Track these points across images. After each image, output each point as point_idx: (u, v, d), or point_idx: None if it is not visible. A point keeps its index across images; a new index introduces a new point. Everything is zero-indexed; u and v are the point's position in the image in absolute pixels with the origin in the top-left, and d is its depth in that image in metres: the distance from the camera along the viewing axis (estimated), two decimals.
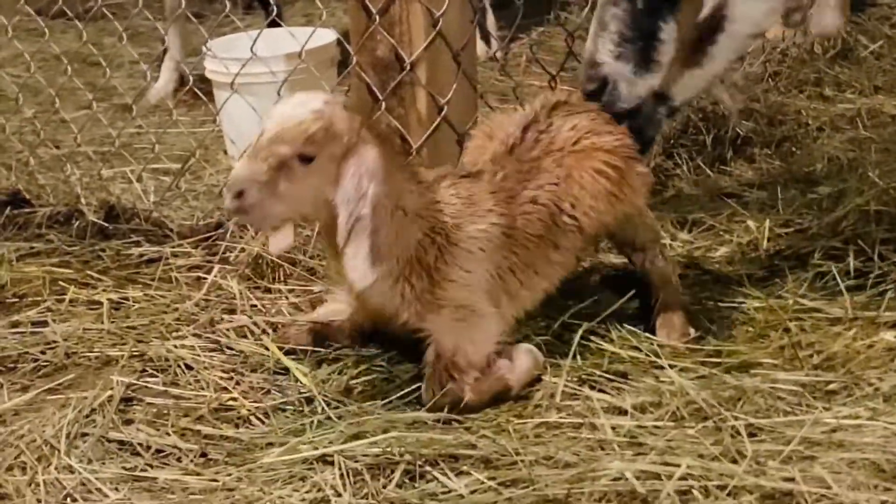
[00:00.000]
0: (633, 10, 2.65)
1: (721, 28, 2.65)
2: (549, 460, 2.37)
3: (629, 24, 2.66)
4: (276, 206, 2.48)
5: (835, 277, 3.05)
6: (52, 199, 3.82)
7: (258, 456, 2.46)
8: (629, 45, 2.66)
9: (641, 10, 2.65)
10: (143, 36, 5.76)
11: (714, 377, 2.67)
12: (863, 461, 2.32)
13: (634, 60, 2.67)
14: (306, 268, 3.24)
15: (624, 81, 2.69)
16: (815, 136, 4.18)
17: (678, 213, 3.55)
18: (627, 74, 2.68)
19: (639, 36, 2.66)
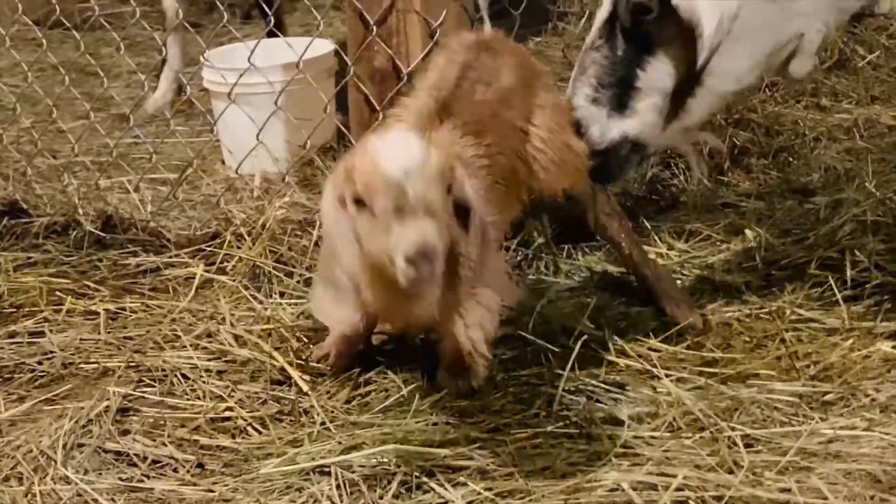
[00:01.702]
0: (613, 56, 2.68)
1: (701, 82, 2.64)
2: (545, 471, 2.37)
3: (607, 70, 2.68)
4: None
5: (831, 287, 3.05)
6: (49, 209, 3.82)
7: (255, 466, 2.45)
8: (606, 90, 2.69)
9: (620, 57, 2.67)
10: (141, 46, 5.76)
11: (711, 387, 2.67)
12: (859, 472, 2.32)
13: (610, 105, 2.69)
14: (304, 278, 3.25)
15: (596, 125, 2.70)
16: (811, 146, 4.19)
17: (675, 223, 3.56)
18: (601, 118, 2.69)
19: (615, 82, 2.68)
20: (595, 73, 2.69)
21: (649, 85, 2.67)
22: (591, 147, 2.71)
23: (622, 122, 2.69)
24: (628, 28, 2.65)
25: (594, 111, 2.70)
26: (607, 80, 2.69)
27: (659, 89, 2.67)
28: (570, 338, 2.87)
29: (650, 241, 3.44)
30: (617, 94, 2.68)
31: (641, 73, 2.66)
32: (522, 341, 2.87)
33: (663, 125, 2.72)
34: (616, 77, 2.68)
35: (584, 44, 2.74)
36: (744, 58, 2.64)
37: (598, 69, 2.69)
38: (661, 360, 2.79)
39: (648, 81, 2.66)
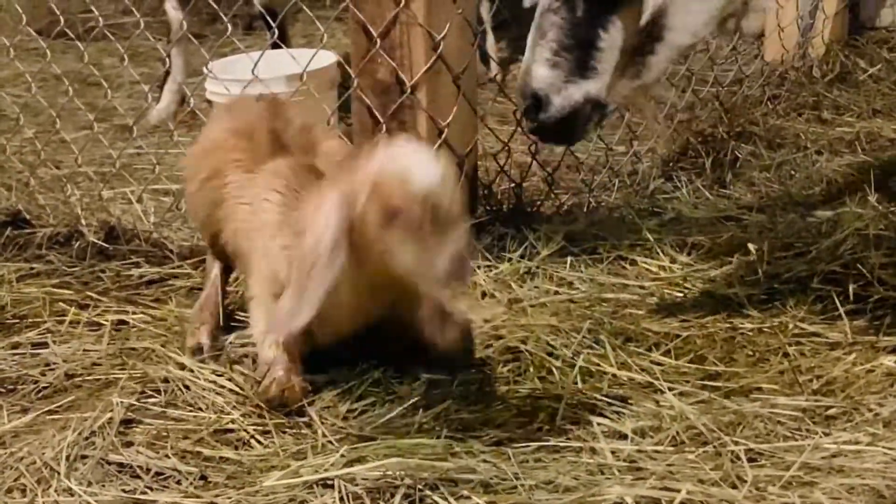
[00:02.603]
0: (572, 18, 2.66)
1: (660, 38, 2.66)
2: (549, 484, 2.37)
3: (567, 32, 2.66)
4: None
5: (834, 301, 3.06)
6: (52, 220, 3.82)
7: (258, 479, 2.45)
8: (567, 52, 2.67)
9: (580, 17, 2.65)
10: (144, 56, 5.78)
11: (714, 401, 2.67)
12: (863, 487, 2.32)
13: (570, 68, 2.67)
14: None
15: (554, 91, 2.68)
16: (813, 159, 4.20)
17: (678, 235, 3.56)
18: (558, 83, 2.68)
19: (577, 44, 2.66)
20: (555, 37, 2.66)
21: (611, 44, 2.66)
22: (552, 117, 2.69)
23: (584, 84, 2.67)
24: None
25: (552, 77, 2.67)
26: (568, 42, 2.66)
27: (620, 48, 2.66)
28: (573, 351, 2.88)
29: (652, 255, 3.45)
30: (578, 56, 2.66)
31: (603, 33, 2.65)
32: (525, 354, 2.87)
33: (624, 83, 2.71)
34: (577, 39, 2.65)
35: (539, 8, 2.70)
36: (700, 12, 2.67)
37: (557, 32, 2.66)
38: (663, 374, 2.79)
39: (610, 41, 2.65)
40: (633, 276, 3.36)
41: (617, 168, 4.13)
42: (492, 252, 3.45)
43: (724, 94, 4.71)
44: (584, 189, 3.96)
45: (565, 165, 4.13)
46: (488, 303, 3.18)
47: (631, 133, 4.27)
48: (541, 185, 3.98)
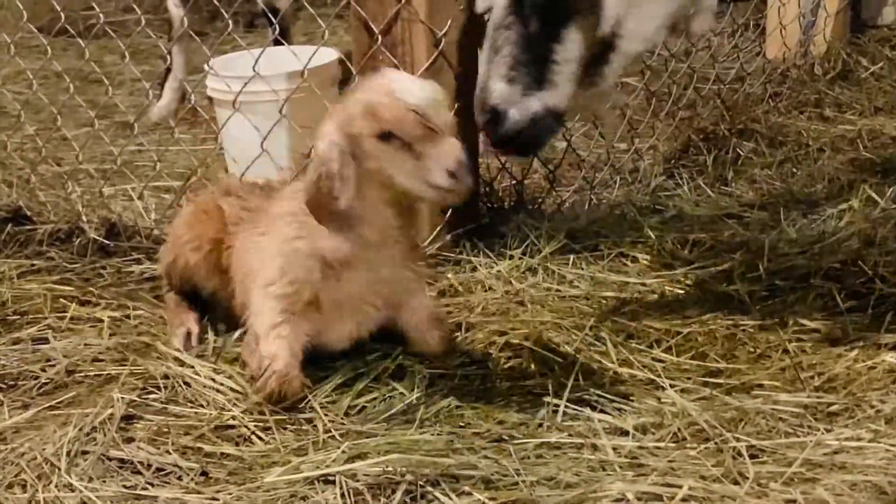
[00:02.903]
0: (526, 32, 2.65)
1: (614, 46, 2.67)
2: (550, 481, 2.36)
3: (522, 47, 2.65)
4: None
5: (835, 298, 3.05)
6: (53, 217, 3.82)
7: (259, 475, 2.45)
8: (523, 67, 2.65)
9: (534, 32, 2.64)
10: (145, 54, 5.78)
11: (715, 398, 2.67)
12: (865, 483, 2.32)
13: (527, 82, 2.66)
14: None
15: (513, 106, 2.66)
16: (815, 157, 4.20)
17: (679, 233, 3.56)
18: (516, 97, 2.66)
19: (532, 58, 2.65)
20: (510, 52, 2.65)
21: (566, 56, 2.65)
22: (511, 129, 2.67)
23: (542, 95, 2.66)
24: (542, 2, 2.62)
25: (510, 93, 2.66)
26: (523, 56, 2.65)
27: (575, 59, 2.65)
28: (574, 348, 2.88)
29: (654, 252, 3.45)
30: (534, 70, 2.65)
31: (558, 45, 2.64)
32: (526, 351, 2.87)
33: (580, 93, 2.71)
34: (533, 53, 2.64)
35: (491, 23, 2.69)
36: (652, 19, 2.68)
37: (512, 47, 2.65)
38: (665, 371, 2.79)
39: (564, 53, 2.65)
40: (634, 273, 3.36)
41: (618, 165, 4.13)
42: (493, 249, 3.45)
43: (726, 92, 4.71)
44: (586, 186, 3.96)
45: (567, 163, 4.13)
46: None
47: (632, 130, 4.27)
48: (542, 183, 3.98)
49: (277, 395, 2.68)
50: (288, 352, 2.73)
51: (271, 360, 2.70)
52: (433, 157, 2.49)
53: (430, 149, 2.49)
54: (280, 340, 2.73)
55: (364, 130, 2.54)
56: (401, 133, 2.50)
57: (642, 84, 4.52)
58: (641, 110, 4.49)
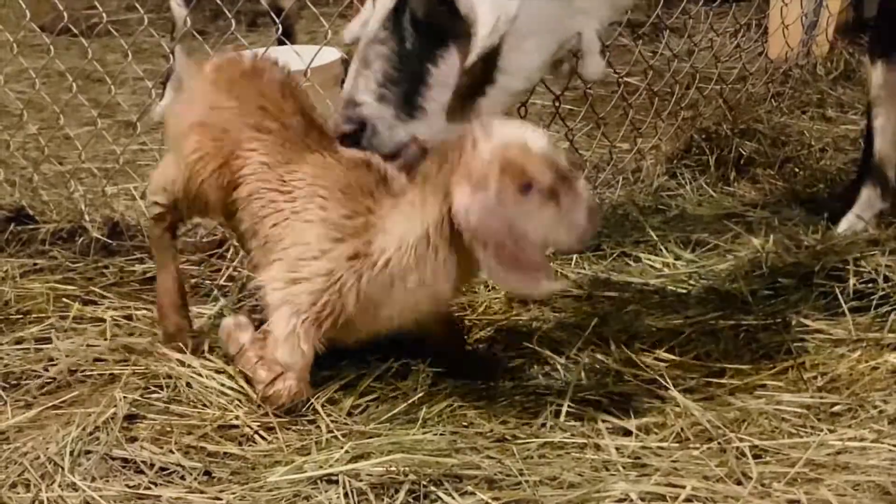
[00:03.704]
0: (401, 49, 2.53)
1: (492, 80, 2.55)
2: (553, 480, 2.36)
3: (395, 65, 2.53)
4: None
5: (838, 298, 3.06)
6: (55, 216, 3.82)
7: (262, 474, 2.45)
8: (394, 86, 2.53)
9: (409, 50, 2.52)
10: (147, 53, 5.78)
11: (718, 398, 2.67)
12: (868, 483, 2.32)
13: (397, 104, 2.53)
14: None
15: (384, 125, 2.54)
16: (817, 156, 4.20)
17: (682, 232, 3.56)
18: (388, 118, 2.54)
19: (405, 78, 2.53)
20: (381, 68, 2.52)
21: (440, 81, 2.54)
22: (378, 150, 2.57)
23: (411, 124, 2.55)
24: (420, 20, 2.52)
25: (381, 110, 2.54)
26: (396, 75, 2.52)
27: (450, 85, 2.54)
28: (577, 348, 2.88)
29: (656, 252, 3.45)
30: (406, 90, 2.53)
31: (433, 67, 2.53)
32: (529, 351, 2.87)
33: (452, 126, 2.58)
34: (405, 72, 2.52)
35: (365, 35, 2.56)
36: (532, 55, 2.57)
37: (384, 63, 2.52)
38: (668, 371, 2.79)
39: (440, 77, 2.53)
40: (637, 272, 3.36)
41: (621, 165, 4.13)
42: None
43: (729, 92, 4.71)
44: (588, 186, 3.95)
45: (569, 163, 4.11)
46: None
47: (635, 130, 4.27)
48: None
49: (286, 409, 2.66)
50: (303, 363, 2.66)
51: (285, 371, 2.65)
52: (572, 201, 2.42)
53: (567, 193, 2.42)
54: (297, 351, 2.64)
55: (504, 186, 2.40)
56: (542, 183, 2.41)
57: (645, 84, 4.52)
58: (644, 110, 4.49)
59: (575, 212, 2.43)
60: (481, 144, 2.42)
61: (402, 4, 2.52)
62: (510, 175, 2.40)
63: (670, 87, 4.62)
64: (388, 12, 2.52)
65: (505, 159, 2.40)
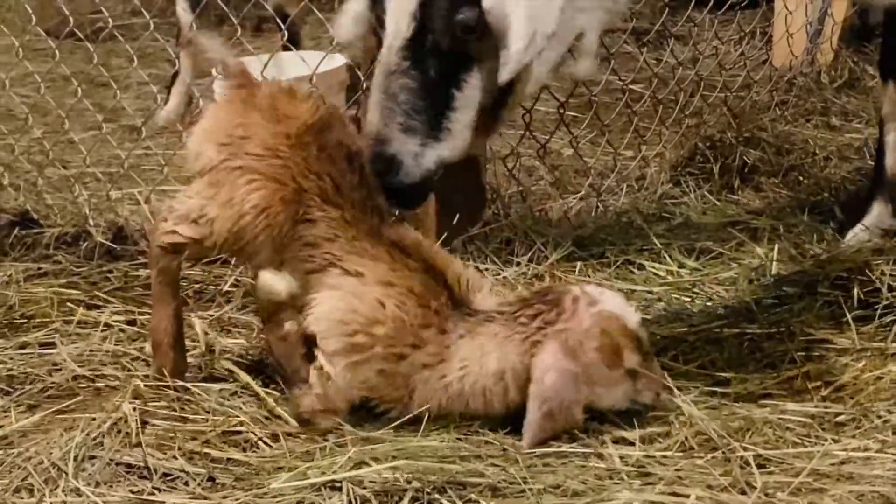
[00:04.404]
0: (424, 78, 2.51)
1: (513, 91, 2.57)
2: (557, 489, 2.36)
3: (420, 95, 2.50)
4: None
5: (842, 307, 3.05)
6: (60, 220, 3.82)
7: (266, 480, 2.44)
8: (420, 115, 2.51)
9: (433, 78, 2.51)
10: (152, 57, 5.78)
11: (723, 407, 2.67)
12: (872, 494, 2.31)
13: (424, 132, 2.52)
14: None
15: (410, 157, 2.52)
16: (822, 165, 4.20)
17: (686, 240, 3.56)
18: (414, 148, 2.52)
19: (430, 105, 2.51)
20: (406, 99, 2.50)
21: (466, 104, 2.54)
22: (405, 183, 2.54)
23: (438, 147, 2.54)
24: (444, 48, 2.50)
25: (408, 143, 2.52)
26: (421, 104, 2.50)
27: (475, 107, 2.55)
28: None
29: (660, 260, 3.45)
30: (432, 117, 2.52)
31: (458, 93, 2.53)
32: None
33: (476, 140, 2.62)
34: (430, 100, 2.51)
35: (381, 67, 2.53)
36: (548, 62, 2.60)
37: (408, 95, 2.50)
38: (672, 379, 2.78)
39: (465, 100, 2.54)
40: (641, 280, 3.36)
41: (625, 173, 4.13)
42: (500, 256, 3.45)
43: (733, 100, 4.71)
44: (592, 193, 3.96)
45: (573, 170, 4.13)
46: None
47: (639, 138, 4.27)
48: (549, 190, 3.98)
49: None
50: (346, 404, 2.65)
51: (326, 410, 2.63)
52: (646, 380, 2.53)
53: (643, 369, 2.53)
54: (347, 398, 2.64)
55: (594, 361, 2.49)
56: (628, 364, 2.50)
57: (649, 92, 4.52)
58: (648, 117, 4.49)
59: (646, 390, 2.55)
60: (582, 309, 2.50)
61: (420, 34, 2.50)
62: (603, 352, 2.49)
63: (675, 95, 4.62)
64: (405, 41, 2.50)
65: (603, 334, 2.49)
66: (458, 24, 2.48)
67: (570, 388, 2.48)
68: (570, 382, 2.48)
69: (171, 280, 2.78)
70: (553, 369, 2.48)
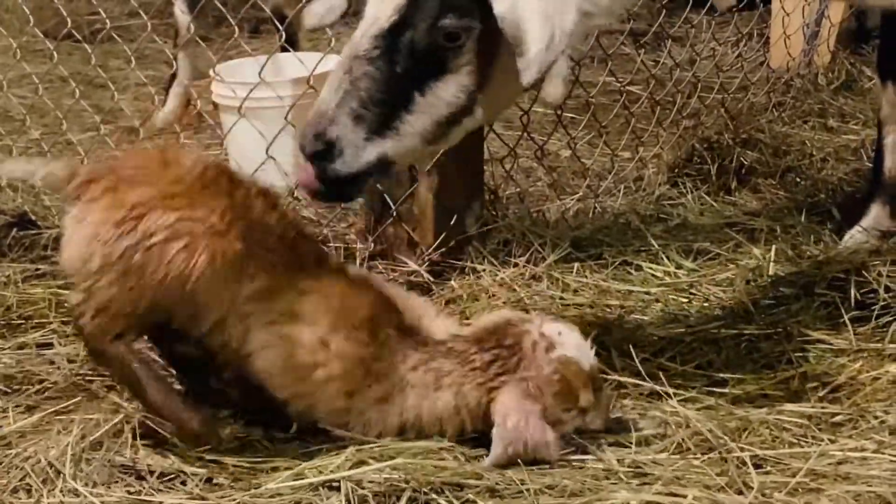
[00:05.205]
0: (391, 72, 2.42)
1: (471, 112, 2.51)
2: (554, 489, 2.37)
3: (381, 87, 2.41)
4: None
5: (839, 308, 3.06)
6: (57, 221, 3.81)
7: (264, 481, 2.45)
8: (374, 108, 2.42)
9: (399, 74, 2.42)
10: (150, 59, 5.78)
11: (719, 408, 2.67)
12: (868, 494, 2.32)
13: (373, 125, 2.42)
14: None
15: (351, 147, 2.42)
16: (819, 166, 4.21)
17: (683, 241, 3.56)
18: (358, 139, 2.42)
19: (388, 101, 2.42)
20: (366, 88, 2.41)
21: (424, 110, 2.45)
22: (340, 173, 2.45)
23: (381, 143, 2.45)
24: (421, 48, 2.43)
25: (353, 131, 2.42)
26: (379, 97, 2.41)
27: (432, 115, 2.46)
28: None
29: (658, 261, 3.45)
30: (385, 113, 2.43)
31: (419, 97, 2.44)
32: None
33: (424, 150, 2.55)
34: (389, 96, 2.42)
35: (349, 49, 2.44)
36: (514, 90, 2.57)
37: (370, 84, 2.41)
38: (669, 380, 2.78)
39: (425, 106, 2.45)
40: (638, 281, 3.36)
41: (622, 174, 4.14)
42: (497, 257, 3.45)
43: (730, 101, 4.72)
44: (590, 195, 3.96)
45: (571, 171, 4.14)
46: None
47: (636, 139, 4.27)
48: (547, 191, 3.99)
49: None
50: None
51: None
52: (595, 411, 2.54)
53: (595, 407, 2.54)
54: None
55: (552, 406, 2.51)
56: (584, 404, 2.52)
57: (647, 93, 4.53)
58: (646, 119, 4.49)
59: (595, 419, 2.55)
60: (541, 355, 2.51)
61: (400, 27, 2.43)
62: (561, 398, 2.51)
63: (672, 97, 4.63)
64: (381, 30, 2.43)
65: (563, 380, 2.50)
66: (442, 30, 2.42)
67: (536, 428, 2.47)
68: (536, 423, 2.47)
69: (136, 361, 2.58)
70: (513, 413, 2.47)
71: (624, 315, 3.14)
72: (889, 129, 3.54)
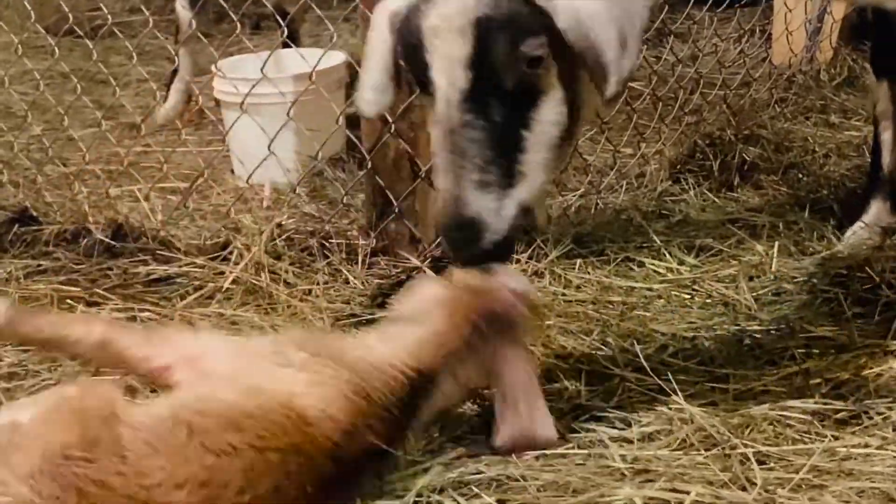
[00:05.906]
0: (491, 127, 2.31)
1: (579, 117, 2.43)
2: (557, 485, 2.36)
3: (489, 145, 2.30)
4: None
5: (842, 304, 3.06)
6: (59, 217, 3.82)
7: None
8: (493, 167, 2.31)
9: (500, 123, 2.31)
10: (151, 55, 5.78)
11: (723, 404, 2.66)
12: (872, 490, 2.31)
13: (499, 183, 2.32)
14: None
15: (492, 215, 2.31)
16: (821, 162, 4.20)
17: (686, 237, 3.56)
18: (493, 204, 2.31)
19: (501, 154, 2.31)
20: (476, 153, 2.30)
21: (536, 141, 2.35)
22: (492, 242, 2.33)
23: (514, 195, 2.33)
24: (507, 88, 2.31)
25: (486, 200, 2.31)
26: (490, 155, 2.30)
27: (545, 142, 2.37)
28: (581, 353, 2.88)
29: (660, 257, 3.45)
30: (504, 166, 2.32)
31: (527, 132, 2.34)
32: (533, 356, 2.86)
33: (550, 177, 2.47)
34: (501, 148, 2.31)
35: (441, 127, 2.32)
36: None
37: (477, 148, 2.30)
38: (672, 376, 2.78)
39: (535, 138, 2.35)
40: (640, 277, 3.36)
41: (624, 170, 4.13)
42: None
43: (732, 97, 4.71)
44: (592, 191, 3.96)
45: (573, 167, 4.13)
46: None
47: (638, 135, 4.27)
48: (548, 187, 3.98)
49: None
50: None
51: None
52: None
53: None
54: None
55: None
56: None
57: (649, 89, 4.52)
58: (647, 115, 4.49)
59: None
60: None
61: (478, 80, 2.30)
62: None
63: (674, 93, 4.62)
64: (462, 93, 2.31)
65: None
66: (524, 58, 2.30)
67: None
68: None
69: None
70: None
71: (626, 311, 3.14)
72: (885, 125, 3.54)
